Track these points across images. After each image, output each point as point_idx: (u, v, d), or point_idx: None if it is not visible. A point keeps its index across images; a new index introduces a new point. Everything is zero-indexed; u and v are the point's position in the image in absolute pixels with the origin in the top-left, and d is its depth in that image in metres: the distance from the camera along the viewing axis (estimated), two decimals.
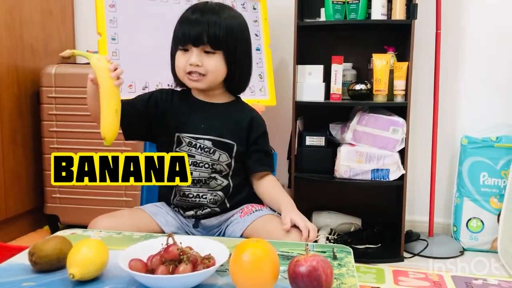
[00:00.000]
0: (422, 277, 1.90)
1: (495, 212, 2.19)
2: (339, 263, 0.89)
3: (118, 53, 1.81)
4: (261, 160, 1.27)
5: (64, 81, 2.25)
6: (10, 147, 2.24)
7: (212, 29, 1.14)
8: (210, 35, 1.14)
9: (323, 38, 2.33)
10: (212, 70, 1.17)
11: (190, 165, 1.20)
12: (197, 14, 1.16)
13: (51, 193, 2.32)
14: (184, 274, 0.76)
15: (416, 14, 1.99)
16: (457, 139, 2.32)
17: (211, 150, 1.20)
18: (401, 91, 2.06)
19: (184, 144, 1.20)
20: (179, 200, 1.24)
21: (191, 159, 1.20)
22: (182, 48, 1.18)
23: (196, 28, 1.14)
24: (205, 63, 1.16)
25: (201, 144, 1.20)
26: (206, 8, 1.18)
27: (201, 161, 1.21)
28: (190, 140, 1.20)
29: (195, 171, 1.20)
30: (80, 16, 2.70)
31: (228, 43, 1.16)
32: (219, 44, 1.16)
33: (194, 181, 1.20)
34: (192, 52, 1.16)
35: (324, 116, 2.30)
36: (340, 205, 2.40)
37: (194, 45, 1.15)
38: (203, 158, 1.21)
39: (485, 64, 2.31)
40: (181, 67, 1.18)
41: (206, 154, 1.20)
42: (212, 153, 1.20)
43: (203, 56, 1.16)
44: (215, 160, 1.21)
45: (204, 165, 1.21)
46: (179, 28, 1.17)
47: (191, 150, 1.20)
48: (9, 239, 2.26)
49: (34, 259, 0.83)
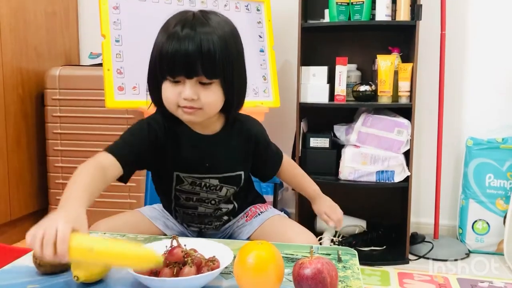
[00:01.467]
0: (427, 280, 1.89)
1: (501, 214, 2.18)
2: (344, 266, 0.89)
3: (122, 55, 1.81)
4: (274, 161, 1.22)
5: (69, 83, 2.25)
6: (14, 149, 2.24)
7: (206, 57, 0.94)
8: (205, 63, 0.95)
9: (327, 39, 2.33)
10: (209, 103, 0.99)
11: (195, 201, 1.13)
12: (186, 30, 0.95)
13: (55, 195, 2.32)
14: (188, 276, 0.75)
15: (420, 15, 1.98)
16: (463, 141, 2.31)
17: (218, 187, 1.11)
18: (406, 92, 2.05)
19: (186, 183, 1.09)
20: (181, 221, 1.20)
21: (195, 196, 1.11)
22: (172, 80, 0.98)
23: (188, 57, 0.94)
24: (201, 96, 0.98)
25: (206, 183, 1.09)
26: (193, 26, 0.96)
27: (206, 197, 1.12)
28: (193, 180, 1.09)
29: (201, 207, 1.14)
30: (84, 18, 2.71)
31: (225, 69, 0.98)
32: (215, 74, 0.97)
33: (200, 214, 1.15)
34: (184, 84, 0.97)
35: (328, 118, 2.29)
36: (344, 207, 2.35)
37: (187, 77, 0.96)
38: (209, 195, 1.12)
39: (490, 65, 2.29)
40: (172, 101, 0.99)
41: (212, 192, 1.11)
42: (219, 189, 1.11)
43: (198, 88, 0.97)
44: (222, 196, 1.13)
45: (211, 202, 1.13)
46: (165, 55, 0.96)
47: (195, 188, 1.10)
48: (14, 241, 2.26)
49: (39, 262, 0.83)
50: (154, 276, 0.77)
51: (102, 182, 0.92)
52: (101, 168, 0.93)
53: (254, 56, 2.12)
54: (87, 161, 0.94)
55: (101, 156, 0.97)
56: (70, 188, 0.85)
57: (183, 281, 0.75)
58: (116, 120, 2.21)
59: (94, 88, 2.18)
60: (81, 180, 0.88)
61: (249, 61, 1.06)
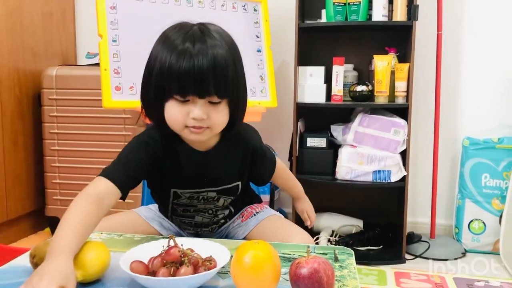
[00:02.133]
0: (423, 279, 1.89)
1: (497, 214, 2.19)
2: (341, 265, 0.89)
3: (119, 55, 1.81)
4: (270, 168, 1.20)
5: (65, 83, 2.25)
6: (11, 149, 2.24)
7: (219, 76, 0.92)
8: (218, 83, 0.92)
9: (324, 40, 2.33)
10: (218, 123, 0.97)
11: (192, 212, 1.13)
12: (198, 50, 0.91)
13: (52, 195, 2.32)
14: (185, 276, 0.75)
15: (417, 15, 1.99)
16: (459, 140, 2.32)
17: (215, 198, 1.11)
18: (402, 92, 2.06)
19: (184, 198, 1.09)
20: (179, 225, 1.20)
21: (192, 208, 1.12)
22: (181, 100, 0.93)
23: (202, 76, 0.90)
24: (211, 115, 0.95)
25: (204, 196, 1.10)
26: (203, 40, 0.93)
27: (204, 208, 1.13)
28: (190, 194, 1.08)
29: (198, 216, 1.14)
30: (81, 18, 2.71)
31: (234, 87, 0.96)
32: (227, 93, 0.95)
33: (197, 224, 1.16)
34: (194, 104, 0.93)
35: (325, 118, 2.29)
36: (341, 207, 2.39)
37: (199, 97, 0.93)
38: (206, 206, 1.12)
39: (486, 65, 2.30)
40: (180, 121, 0.95)
41: (210, 202, 1.11)
42: (217, 200, 1.12)
43: (208, 108, 0.94)
44: (219, 206, 1.14)
45: (208, 211, 1.14)
46: (176, 73, 0.91)
47: (192, 201, 1.10)
48: (10, 241, 2.26)
49: (36, 261, 0.83)
50: (151, 275, 0.78)
51: (96, 216, 0.89)
52: (97, 200, 0.91)
53: (251, 56, 2.12)
54: (84, 191, 0.92)
55: (98, 183, 0.94)
56: (61, 229, 0.84)
57: (179, 281, 0.75)
58: (113, 120, 2.21)
59: (91, 88, 2.18)
60: (74, 221, 0.86)
61: (247, 61, 1.05)
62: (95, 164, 2.24)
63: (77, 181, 2.28)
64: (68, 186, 2.30)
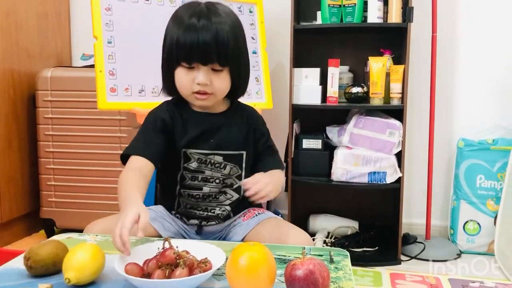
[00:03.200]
0: (419, 280, 1.90)
1: (492, 215, 2.20)
2: (336, 267, 0.89)
3: (114, 56, 1.80)
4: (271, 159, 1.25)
5: (60, 84, 2.24)
6: (5, 150, 2.23)
7: (221, 43, 1.05)
8: (220, 51, 1.06)
9: (319, 41, 2.34)
10: (220, 89, 1.11)
11: (200, 181, 1.17)
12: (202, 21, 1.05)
13: (47, 197, 2.31)
14: (180, 278, 0.75)
15: (412, 17, 1.99)
16: (454, 142, 2.32)
17: (222, 164, 1.17)
18: (398, 94, 2.07)
19: (193, 160, 1.16)
20: (184, 211, 1.22)
21: (200, 175, 1.17)
22: (187, 66, 1.08)
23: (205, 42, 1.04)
24: (214, 82, 1.09)
25: (212, 160, 1.16)
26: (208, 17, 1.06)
27: (211, 176, 1.17)
28: (199, 156, 1.15)
29: (206, 187, 1.18)
30: (76, 20, 2.70)
31: (234, 58, 1.10)
32: (228, 62, 1.09)
33: (204, 196, 1.18)
34: (198, 70, 1.08)
35: (320, 119, 2.30)
36: (337, 208, 2.39)
37: (203, 64, 1.07)
38: (213, 174, 1.17)
39: (481, 67, 2.31)
40: (187, 86, 1.10)
41: (217, 170, 1.17)
42: (223, 167, 1.17)
43: (211, 74, 1.09)
44: (226, 174, 1.18)
45: (215, 181, 1.18)
46: (183, 44, 1.05)
47: (200, 166, 1.16)
48: (4, 243, 2.25)
49: (30, 264, 0.83)
50: (146, 278, 0.77)
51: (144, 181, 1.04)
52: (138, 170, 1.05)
53: None
54: (124, 170, 1.06)
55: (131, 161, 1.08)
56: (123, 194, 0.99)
57: (174, 283, 0.75)
58: (108, 122, 2.20)
59: (86, 90, 2.17)
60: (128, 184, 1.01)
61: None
62: (90, 166, 2.23)
63: (72, 183, 2.27)
64: (63, 188, 2.29)
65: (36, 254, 0.83)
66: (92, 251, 0.81)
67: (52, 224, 2.33)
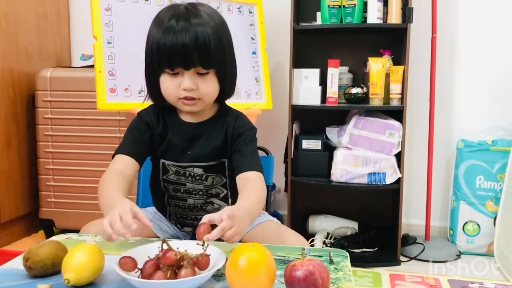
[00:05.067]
0: (418, 281, 1.90)
1: (491, 216, 2.19)
2: (336, 267, 0.89)
3: (113, 56, 1.80)
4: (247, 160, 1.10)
5: (60, 84, 2.24)
6: (5, 151, 2.22)
7: (201, 45, 1.00)
8: (202, 54, 1.00)
9: (319, 42, 2.33)
10: (207, 93, 1.06)
11: (183, 193, 1.14)
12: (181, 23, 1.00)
13: (46, 198, 2.30)
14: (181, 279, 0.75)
15: (411, 18, 1.99)
16: (453, 143, 2.32)
17: (203, 176, 1.12)
18: (397, 94, 2.07)
19: (171, 173, 1.12)
20: (175, 219, 1.20)
21: (182, 188, 1.13)
22: (171, 72, 1.04)
23: (185, 49, 0.99)
24: (200, 86, 1.04)
25: (191, 172, 1.11)
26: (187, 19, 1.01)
27: (193, 189, 1.13)
28: (177, 169, 1.12)
29: (190, 198, 1.15)
30: (75, 20, 2.70)
31: (219, 59, 1.04)
32: (211, 64, 1.03)
33: (190, 207, 1.16)
34: (183, 76, 1.03)
35: (320, 120, 2.30)
36: (336, 209, 2.39)
37: (185, 69, 1.02)
38: (195, 186, 1.13)
39: (481, 68, 2.31)
40: (173, 93, 1.05)
41: (198, 182, 1.12)
42: (205, 179, 1.12)
43: (196, 78, 1.04)
44: (208, 185, 1.13)
45: (198, 193, 1.14)
46: (163, 48, 1.01)
47: (180, 179, 1.12)
48: (4, 244, 2.25)
49: (29, 264, 0.82)
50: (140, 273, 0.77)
51: (126, 182, 1.02)
52: (119, 173, 1.03)
53: (247, 58, 2.12)
54: (105, 173, 1.04)
55: (115, 163, 1.06)
56: (104, 197, 0.96)
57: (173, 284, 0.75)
58: (108, 122, 2.20)
59: (86, 90, 2.17)
60: (111, 185, 0.98)
61: (241, 63, 1.08)
62: (90, 166, 2.23)
63: (71, 184, 2.27)
64: (62, 188, 2.29)
65: (35, 255, 0.83)
66: (91, 251, 0.81)
67: (51, 224, 2.32)
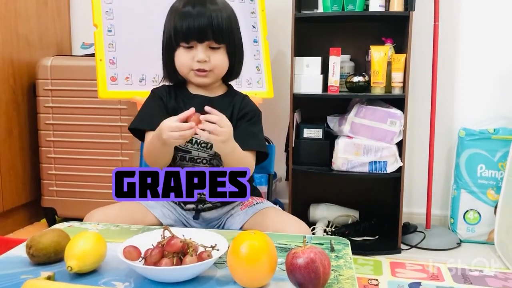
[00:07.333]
0: (419, 269, 1.91)
1: (492, 204, 2.20)
2: (337, 255, 0.89)
3: (114, 45, 1.79)
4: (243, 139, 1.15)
5: (60, 73, 2.23)
6: (6, 139, 2.23)
7: (216, 24, 1.13)
8: (215, 30, 1.13)
9: (320, 30, 2.32)
10: (218, 65, 1.18)
11: (188, 161, 1.19)
12: (197, 8, 1.13)
13: (48, 186, 2.31)
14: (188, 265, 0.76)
15: (414, 5, 1.98)
16: (455, 131, 2.32)
17: (208, 144, 1.18)
18: (399, 83, 2.06)
19: None
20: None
21: (187, 155, 1.19)
22: (186, 45, 1.16)
23: (200, 24, 1.12)
24: (212, 58, 1.16)
25: (197, 139, 1.17)
26: (203, 4, 1.14)
27: (198, 156, 1.19)
28: None
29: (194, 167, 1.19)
30: (75, 8, 2.68)
31: (229, 36, 1.17)
32: (223, 39, 1.16)
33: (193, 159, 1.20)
34: (197, 49, 1.15)
35: (322, 108, 2.29)
36: (337, 198, 2.40)
37: (199, 42, 1.15)
38: (200, 154, 1.19)
39: (483, 56, 2.30)
40: (187, 64, 1.17)
41: (203, 150, 1.19)
42: (209, 148, 1.18)
43: (209, 52, 1.16)
44: (212, 155, 1.19)
45: (202, 161, 1.20)
46: (180, 23, 1.14)
47: (187, 145, 1.18)
48: (6, 232, 2.26)
49: (32, 252, 0.83)
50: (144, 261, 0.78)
51: None
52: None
53: (248, 47, 2.10)
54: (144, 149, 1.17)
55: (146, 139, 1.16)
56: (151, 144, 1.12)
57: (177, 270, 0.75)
58: (109, 111, 2.20)
59: (87, 79, 2.17)
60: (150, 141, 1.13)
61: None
62: (91, 155, 2.24)
63: (73, 172, 2.27)
64: (64, 177, 2.29)
65: (38, 243, 0.83)
66: (94, 239, 0.82)
67: (54, 213, 2.33)
